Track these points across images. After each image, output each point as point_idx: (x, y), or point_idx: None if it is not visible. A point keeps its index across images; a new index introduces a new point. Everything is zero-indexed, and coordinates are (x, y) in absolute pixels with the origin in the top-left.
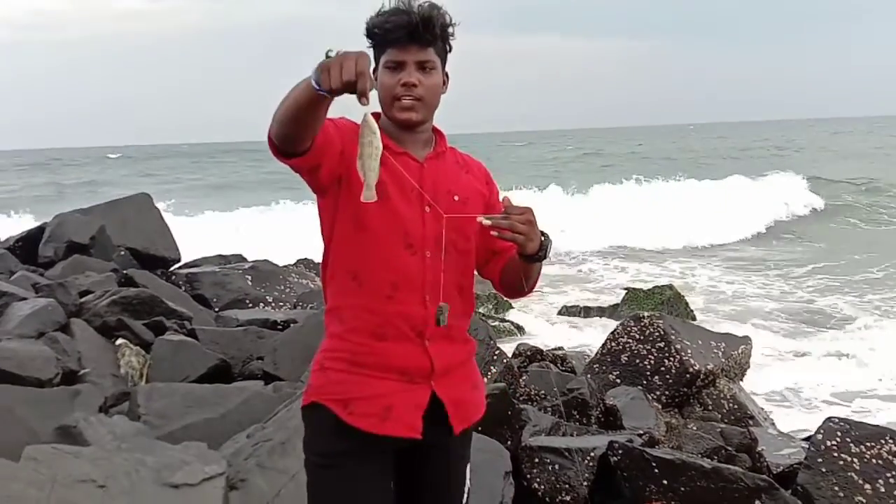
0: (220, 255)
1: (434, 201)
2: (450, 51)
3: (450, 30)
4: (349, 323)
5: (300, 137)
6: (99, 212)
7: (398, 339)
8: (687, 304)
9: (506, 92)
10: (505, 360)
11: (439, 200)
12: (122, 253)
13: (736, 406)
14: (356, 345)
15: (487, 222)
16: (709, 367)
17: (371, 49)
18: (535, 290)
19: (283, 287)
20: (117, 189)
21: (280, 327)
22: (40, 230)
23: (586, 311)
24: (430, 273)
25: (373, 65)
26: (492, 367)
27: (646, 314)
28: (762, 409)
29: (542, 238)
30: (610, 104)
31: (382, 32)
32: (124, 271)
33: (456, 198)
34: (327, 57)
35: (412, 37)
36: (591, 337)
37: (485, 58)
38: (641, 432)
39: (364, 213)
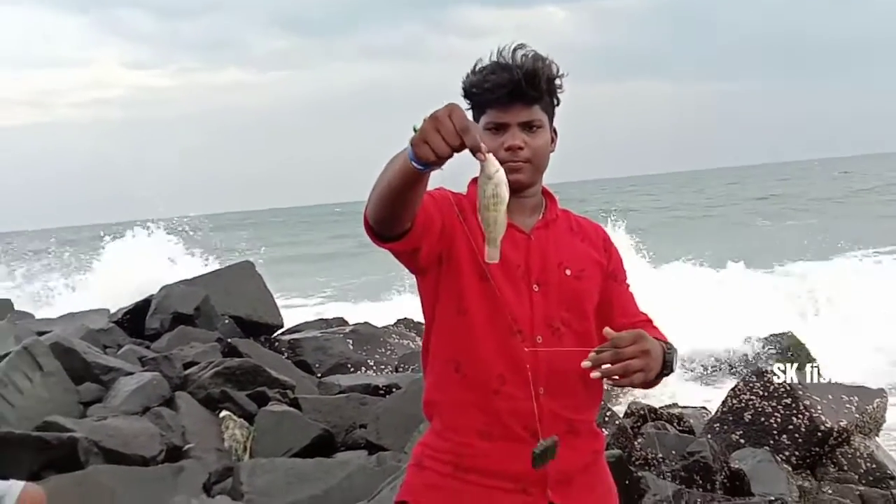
0: (321, 319)
1: (543, 277)
2: (557, 104)
3: (557, 82)
4: (451, 420)
5: (399, 219)
6: (203, 282)
7: (507, 439)
8: (808, 353)
9: (602, 138)
10: (617, 422)
11: (549, 276)
12: (227, 321)
13: (874, 465)
14: (458, 445)
15: (588, 364)
16: (842, 423)
17: (469, 110)
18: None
19: (384, 350)
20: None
21: (382, 392)
22: (147, 302)
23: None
24: (544, 362)
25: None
26: (603, 430)
27: (769, 368)
28: None
29: (666, 352)
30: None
31: (482, 92)
32: (228, 340)
33: (568, 271)
34: (414, 132)
35: (515, 95)
36: (708, 393)
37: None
38: (773, 498)
39: (465, 295)
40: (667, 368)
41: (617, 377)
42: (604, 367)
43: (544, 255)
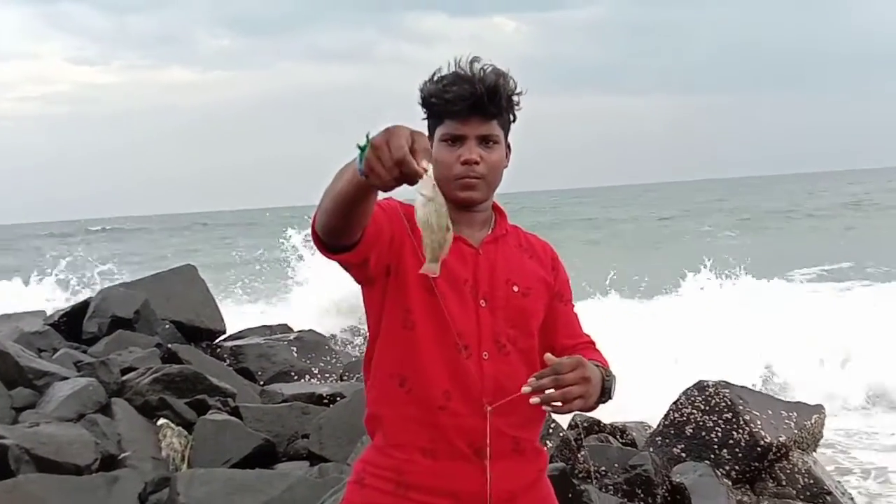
0: (265, 326)
1: (491, 293)
2: (514, 121)
3: (515, 99)
4: (394, 437)
5: (350, 230)
6: (143, 285)
7: (452, 457)
8: None
9: (556, 150)
10: (561, 434)
11: (496, 292)
12: (167, 326)
13: (812, 481)
14: (402, 462)
15: (528, 389)
16: (781, 438)
17: (425, 120)
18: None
19: (328, 357)
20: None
21: (326, 401)
22: (85, 305)
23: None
24: (490, 379)
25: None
26: (547, 442)
27: (710, 382)
28: (838, 482)
29: (605, 379)
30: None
31: (441, 103)
32: (168, 346)
33: (515, 288)
34: (361, 147)
35: (474, 109)
36: (650, 404)
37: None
38: None
39: (412, 308)
40: (605, 395)
41: (557, 404)
42: (544, 392)
43: (492, 270)
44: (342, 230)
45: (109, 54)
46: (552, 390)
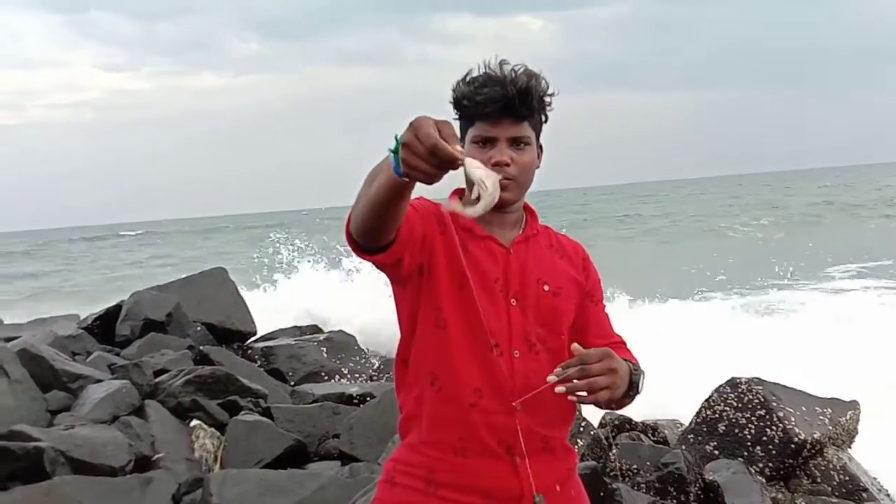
0: (295, 327)
1: (521, 292)
2: (546, 122)
3: (547, 100)
4: (426, 434)
5: (385, 231)
6: (175, 288)
7: (482, 454)
8: None
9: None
10: (592, 432)
11: (527, 291)
12: (199, 329)
13: (847, 478)
14: (433, 460)
15: (554, 378)
16: (815, 435)
17: (457, 120)
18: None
19: (358, 358)
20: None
21: (356, 401)
22: (118, 308)
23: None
24: (520, 377)
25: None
26: (578, 441)
27: (743, 378)
28: (874, 479)
29: (633, 373)
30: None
31: (473, 105)
32: (200, 348)
33: (546, 287)
34: (396, 143)
35: (506, 111)
36: (682, 402)
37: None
38: None
39: (443, 307)
40: (633, 389)
41: (583, 393)
42: (570, 382)
43: (523, 269)
44: (377, 231)
45: (139, 61)
46: (578, 381)
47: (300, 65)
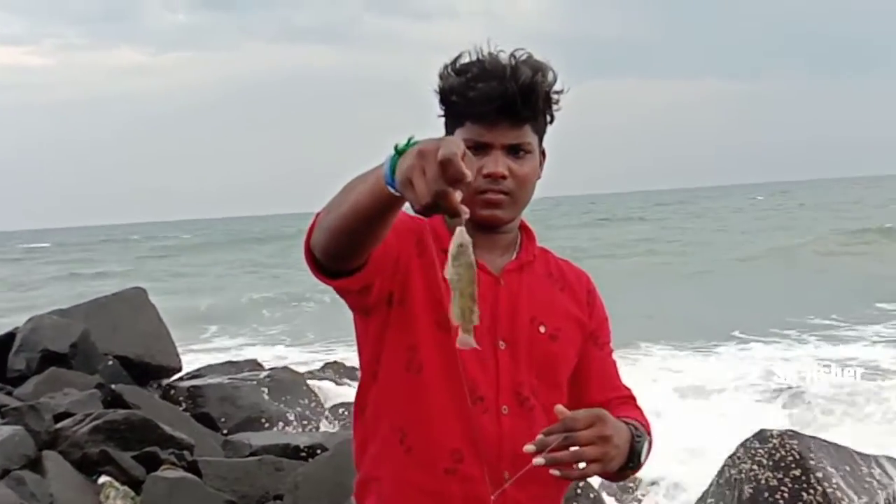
0: (229, 363)
1: (512, 334)
2: (551, 122)
3: (554, 97)
4: (389, 502)
5: (356, 253)
6: (81, 312)
7: None
8: None
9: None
10: (592, 495)
11: (519, 332)
12: (110, 363)
13: None
14: None
15: (532, 448)
16: (863, 500)
17: (442, 117)
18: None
19: (307, 401)
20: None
21: (304, 454)
22: (10, 337)
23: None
24: (509, 439)
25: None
26: None
27: (774, 431)
28: None
29: (634, 439)
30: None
31: (463, 102)
32: (112, 386)
33: (542, 328)
34: (396, 153)
35: (504, 112)
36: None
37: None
38: None
39: (419, 348)
40: (634, 459)
41: (567, 468)
42: (551, 453)
43: (514, 305)
44: (348, 253)
45: (39, 31)
46: (561, 452)
47: (238, 40)
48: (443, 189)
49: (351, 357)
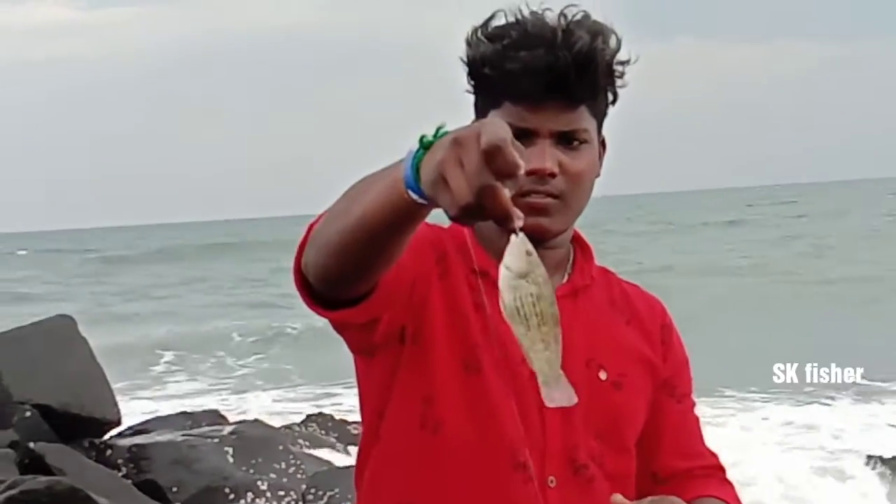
0: (184, 414)
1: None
2: (614, 103)
3: (618, 69)
4: None
5: (364, 277)
6: None
7: None
8: None
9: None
10: None
11: (573, 378)
12: (28, 414)
13: None
14: None
15: None
16: None
17: (472, 93)
18: None
19: (283, 465)
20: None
21: None
22: None
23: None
24: None
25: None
26: None
27: None
28: None
29: None
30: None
31: (500, 76)
32: (30, 445)
33: (603, 374)
34: (422, 147)
35: (554, 90)
36: None
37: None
38: None
39: (438, 400)
40: None
41: None
42: None
43: (567, 343)
44: (351, 278)
45: None
46: None
47: None
48: (490, 184)
49: (347, 404)
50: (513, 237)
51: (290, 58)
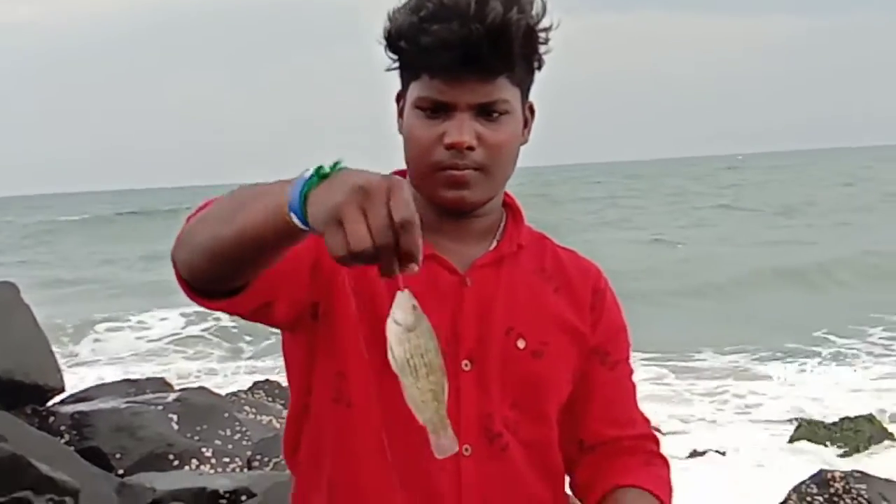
0: (128, 381)
1: (480, 350)
2: (539, 69)
3: (542, 36)
4: None
5: (241, 278)
6: None
7: None
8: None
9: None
10: None
11: (489, 348)
12: None
13: None
14: None
15: None
16: None
17: (395, 70)
18: None
19: (228, 431)
20: None
21: (224, 501)
22: None
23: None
24: (474, 491)
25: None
26: None
27: (837, 472)
28: None
29: None
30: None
31: (415, 50)
32: None
33: (521, 343)
34: (317, 177)
35: (470, 62)
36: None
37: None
38: None
39: (349, 374)
40: None
41: None
42: None
43: (486, 312)
44: (227, 279)
45: None
46: None
47: None
48: (391, 244)
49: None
50: (398, 293)
51: (220, 27)
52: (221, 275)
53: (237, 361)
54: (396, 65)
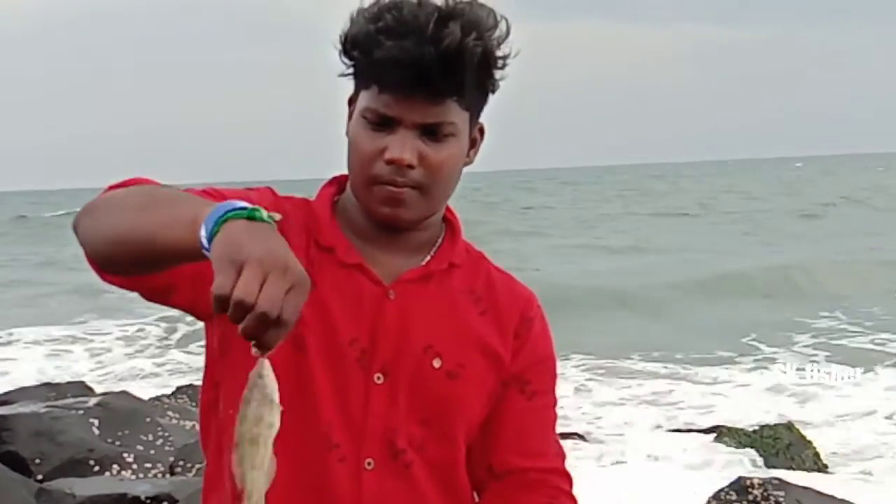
0: (47, 385)
1: (394, 364)
2: (493, 92)
3: (499, 62)
4: None
5: (140, 272)
6: None
7: None
8: (817, 454)
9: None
10: None
11: (403, 363)
12: None
13: None
14: None
15: None
16: None
17: (348, 76)
18: None
19: (150, 437)
20: None
21: None
22: None
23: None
24: (373, 502)
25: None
26: None
27: (756, 479)
28: None
29: None
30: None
31: (367, 61)
32: None
33: (437, 362)
34: (259, 214)
35: (419, 82)
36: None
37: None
38: None
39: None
40: None
41: None
42: None
43: (404, 328)
44: (125, 269)
45: None
46: None
47: None
48: (270, 315)
49: None
50: (261, 361)
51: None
52: (124, 266)
53: (160, 365)
54: (350, 71)
